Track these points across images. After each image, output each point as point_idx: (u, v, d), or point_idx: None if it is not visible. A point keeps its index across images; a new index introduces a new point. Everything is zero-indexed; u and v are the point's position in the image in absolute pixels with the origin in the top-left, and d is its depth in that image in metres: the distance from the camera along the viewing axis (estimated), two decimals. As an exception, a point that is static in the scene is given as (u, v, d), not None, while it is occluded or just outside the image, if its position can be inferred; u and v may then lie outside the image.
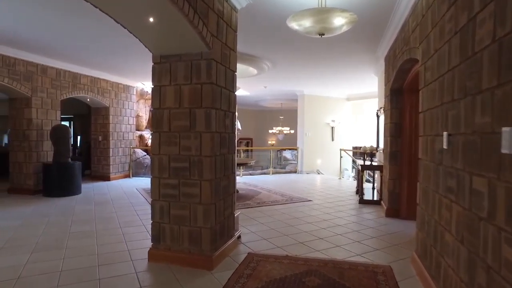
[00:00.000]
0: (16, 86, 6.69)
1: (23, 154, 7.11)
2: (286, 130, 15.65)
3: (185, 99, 3.27)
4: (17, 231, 4.50)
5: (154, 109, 3.39)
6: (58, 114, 7.62)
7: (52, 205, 6.07)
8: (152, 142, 3.39)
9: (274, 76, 8.96)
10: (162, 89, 3.36)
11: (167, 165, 3.33)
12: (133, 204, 6.28)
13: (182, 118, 3.28)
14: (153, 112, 3.39)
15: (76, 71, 8.02)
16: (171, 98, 3.32)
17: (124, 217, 5.28)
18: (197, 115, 3.23)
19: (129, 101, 10.03)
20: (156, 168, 3.37)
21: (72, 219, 5.11)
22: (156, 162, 3.37)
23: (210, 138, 3.20)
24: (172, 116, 3.31)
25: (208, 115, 3.19)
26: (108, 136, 9.25)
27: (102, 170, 9.33)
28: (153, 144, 3.39)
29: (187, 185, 3.28)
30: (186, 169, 3.27)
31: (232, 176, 3.84)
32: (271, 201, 6.74)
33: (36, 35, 5.78)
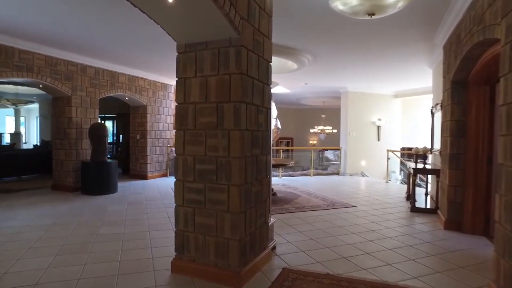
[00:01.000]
0: (57, 85, 6.77)
1: (63, 152, 7.21)
2: (328, 130, 14.91)
3: (212, 92, 2.88)
4: (49, 230, 4.42)
5: (178, 104, 3.04)
6: (96, 112, 7.65)
7: (87, 204, 6.02)
8: (176, 141, 3.05)
9: (316, 71, 8.38)
10: (186, 82, 3.00)
11: (192, 167, 2.97)
12: (165, 205, 6.06)
13: (208, 113, 2.89)
14: (177, 108, 3.05)
15: (114, 70, 8.03)
16: (197, 92, 2.95)
17: (154, 219, 5.05)
18: (225, 110, 2.83)
19: (166, 100, 9.96)
20: (180, 170, 3.02)
21: (103, 220, 4.97)
22: (180, 163, 3.02)
23: (239, 136, 2.78)
24: (198, 112, 2.94)
25: (237, 110, 2.78)
26: (145, 135, 9.22)
27: (140, 169, 9.33)
28: (177, 143, 3.04)
29: (213, 190, 2.89)
30: (212, 172, 2.88)
31: (265, 181, 3.40)
32: (311, 206, 6.20)
33: (76, 35, 5.82)
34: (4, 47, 5.88)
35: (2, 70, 5.87)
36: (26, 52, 6.21)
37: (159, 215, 5.32)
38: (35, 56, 6.36)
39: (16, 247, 3.77)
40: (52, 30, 5.58)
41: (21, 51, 6.13)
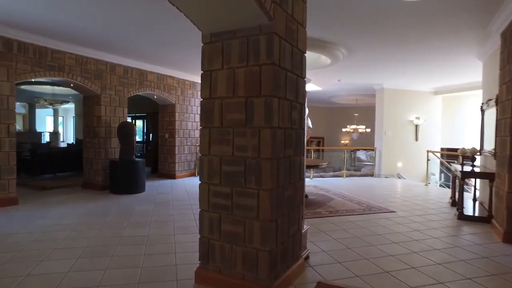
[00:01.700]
0: (87, 84, 6.79)
1: (93, 150, 7.23)
2: (361, 129, 14.27)
3: (240, 86, 2.59)
4: (74, 230, 4.33)
5: (203, 100, 2.78)
6: (125, 111, 7.63)
7: (114, 203, 5.95)
8: (201, 140, 2.79)
9: (350, 66, 7.91)
10: (212, 75, 2.73)
11: (218, 169, 2.69)
12: (192, 206, 5.87)
13: (236, 109, 2.61)
14: (202, 104, 2.79)
15: (143, 68, 7.98)
16: (223, 85, 2.67)
17: (181, 221, 4.85)
18: (255, 105, 2.53)
19: (195, 98, 9.84)
20: (205, 172, 2.76)
21: (128, 220, 4.84)
22: (205, 164, 2.76)
23: (271, 135, 2.48)
24: (225, 108, 2.66)
25: (268, 105, 2.47)
26: (174, 134, 9.14)
27: (168, 168, 9.27)
28: (202, 143, 2.78)
29: (242, 194, 2.60)
30: (240, 174, 2.60)
31: (299, 184, 3.07)
32: (346, 210, 5.78)
33: (106, 33, 5.81)
34: (38, 47, 5.93)
35: (36, 70, 5.93)
36: (58, 52, 6.25)
37: (186, 217, 5.12)
38: (66, 55, 6.39)
39: (42, 247, 3.68)
40: (82, 29, 5.60)
41: (53, 50, 6.18)
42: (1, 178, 5.51)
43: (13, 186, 5.68)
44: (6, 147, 5.57)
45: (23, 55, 5.75)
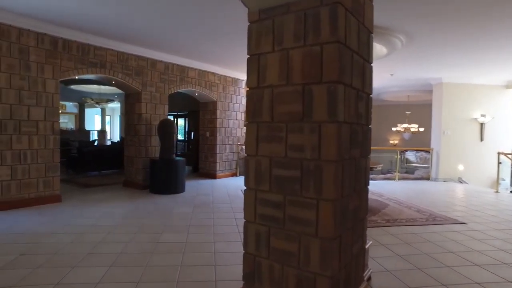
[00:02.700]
0: (128, 81, 6.67)
1: (133, 149, 7.12)
2: (414, 128, 13.15)
3: (296, 71, 2.10)
4: (110, 232, 4.10)
5: (250, 90, 2.32)
6: (165, 108, 7.44)
7: (153, 204, 5.73)
8: (247, 138, 2.33)
9: (405, 58, 7.11)
10: (261, 59, 2.27)
11: (267, 172, 2.22)
12: (234, 210, 5.48)
13: (291, 100, 2.12)
14: (249, 94, 2.33)
15: (184, 64, 7.76)
16: (275, 71, 2.19)
17: (221, 227, 4.47)
18: (315, 94, 2.02)
19: (237, 95, 9.50)
20: (252, 176, 2.30)
21: (166, 224, 4.54)
22: (251, 166, 2.30)
23: (335, 131, 1.96)
24: (276, 98, 2.18)
25: (332, 94, 1.96)
26: (215, 132, 8.86)
27: (209, 168, 9.01)
28: (249, 141, 2.32)
29: (296, 204, 2.12)
30: (295, 179, 2.11)
31: (364, 192, 2.52)
32: (405, 219, 5.08)
33: (147, 29, 5.67)
34: (81, 45, 5.87)
35: (79, 67, 5.87)
36: (100, 49, 6.16)
37: (227, 222, 4.74)
38: (108, 52, 6.29)
39: (76, 251, 3.46)
40: (124, 25, 5.49)
41: (96, 47, 6.09)
42: (46, 176, 5.49)
43: (57, 184, 5.65)
44: (51, 144, 5.54)
45: (67, 52, 5.70)
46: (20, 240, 3.79)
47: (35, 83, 5.32)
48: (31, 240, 3.77)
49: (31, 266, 3.07)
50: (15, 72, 5.13)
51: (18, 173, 5.18)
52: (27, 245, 3.61)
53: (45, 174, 5.46)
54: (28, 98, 5.26)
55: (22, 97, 5.20)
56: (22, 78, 5.20)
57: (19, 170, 5.19)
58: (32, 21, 5.19)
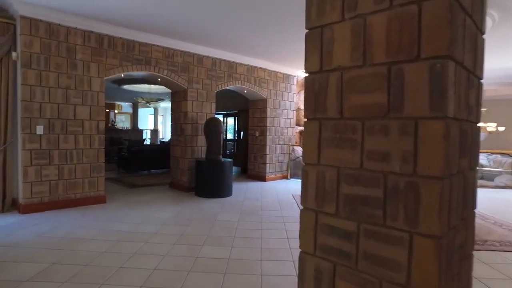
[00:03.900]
0: (174, 78, 6.39)
1: (179, 149, 6.85)
2: (491, 127, 11.48)
3: (378, 45, 1.44)
4: (148, 242, 3.74)
5: (309, 76, 1.70)
6: (213, 106, 7.07)
7: (197, 209, 5.34)
8: (305, 140, 1.72)
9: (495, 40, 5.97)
10: (325, 32, 1.64)
11: (333, 189, 1.59)
12: (285, 219, 4.89)
13: (369, 87, 1.47)
14: (308, 82, 1.71)
15: (232, 59, 7.34)
16: (345, 47, 1.55)
17: (270, 241, 3.90)
18: (408, 77, 1.35)
19: (288, 92, 8.90)
20: (311, 192, 1.68)
21: (208, 234, 4.10)
22: (311, 179, 1.68)
23: (441, 132, 1.28)
24: (348, 85, 1.54)
25: (438, 75, 1.28)
26: (265, 132, 8.34)
27: (258, 169, 8.52)
28: (307, 144, 1.70)
29: (377, 237, 1.46)
30: (376, 202, 1.46)
31: (471, 219, 1.78)
32: (498, 241, 4.10)
33: (193, 23, 5.40)
34: (126, 41, 5.69)
35: (124, 64, 5.70)
36: (145, 45, 5.94)
37: (277, 234, 4.17)
38: (153, 48, 6.05)
39: (108, 263, 3.13)
40: (170, 20, 5.26)
41: (141, 44, 5.89)
42: (91, 176, 5.37)
43: (101, 184, 5.51)
44: (96, 144, 5.41)
45: (112, 49, 5.54)
46: (57, 245, 3.58)
47: (81, 81, 5.21)
48: (67, 247, 3.54)
49: (59, 279, 2.77)
50: (63, 71, 5.05)
51: (64, 173, 5.10)
52: (62, 253, 3.37)
53: (90, 174, 5.34)
54: (74, 97, 5.16)
55: (69, 96, 5.11)
56: (69, 77, 5.11)
57: (65, 169, 5.11)
58: (79, 19, 5.09)
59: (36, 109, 4.83)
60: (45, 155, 4.92)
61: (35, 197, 4.87)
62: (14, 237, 3.86)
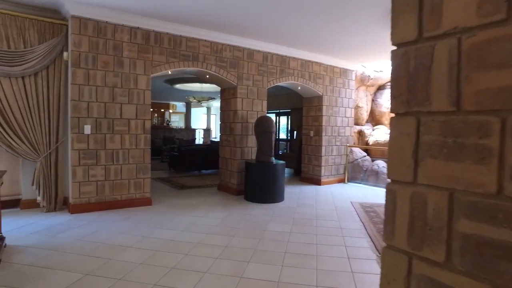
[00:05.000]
0: (222, 74, 6.02)
1: (228, 149, 6.47)
2: None
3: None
4: (188, 254, 3.35)
5: (397, 48, 1.09)
6: (264, 104, 6.59)
7: (245, 216, 4.89)
8: (392, 144, 1.10)
9: None
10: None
11: (442, 225, 0.98)
12: (344, 232, 4.24)
13: None
14: (395, 57, 1.10)
15: (284, 54, 6.79)
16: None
17: (327, 261, 3.29)
18: None
19: (346, 89, 8.12)
20: (402, 225, 1.08)
21: (256, 247, 3.60)
22: (402, 205, 1.08)
23: None
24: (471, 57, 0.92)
25: None
26: (320, 131, 7.67)
27: (312, 172, 7.87)
28: (394, 151, 1.10)
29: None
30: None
31: None
32: None
33: (242, 15, 5.00)
34: (172, 37, 5.44)
35: (171, 60, 5.45)
36: (192, 40, 5.64)
37: (335, 251, 3.54)
38: (201, 43, 5.73)
39: (142, 279, 2.79)
40: (218, 13, 4.91)
41: (188, 39, 5.59)
42: (137, 177, 5.20)
43: (147, 186, 5.32)
44: (142, 144, 5.23)
45: (159, 46, 5.31)
46: (95, 252, 3.36)
47: (127, 79, 5.05)
48: (104, 254, 3.29)
49: (87, 298, 2.46)
50: (110, 69, 4.92)
51: (111, 173, 4.97)
52: (98, 262, 3.12)
53: (136, 175, 5.16)
54: (120, 96, 5.01)
55: (115, 95, 4.97)
56: (116, 75, 4.97)
57: (112, 170, 4.98)
58: (126, 16, 4.93)
59: (84, 109, 4.75)
60: (92, 155, 4.82)
61: (83, 197, 4.79)
62: (58, 239, 3.74)
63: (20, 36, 4.62)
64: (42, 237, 3.79)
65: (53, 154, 4.89)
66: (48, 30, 4.79)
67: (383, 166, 7.81)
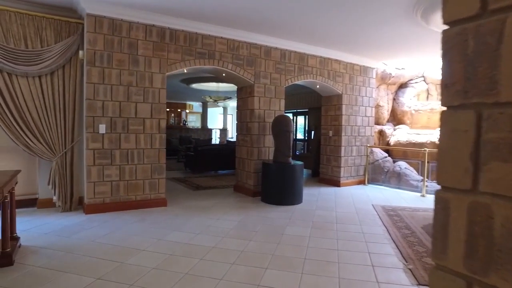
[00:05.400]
0: (239, 72, 5.86)
1: (245, 149, 6.31)
2: None
3: None
4: (202, 259, 3.20)
5: (450, 27, 0.89)
6: (281, 103, 6.40)
7: (262, 219, 4.71)
8: (443, 143, 0.90)
9: None
10: None
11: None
12: (366, 237, 4.00)
13: None
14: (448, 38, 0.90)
15: (302, 51, 6.58)
16: None
17: (350, 269, 3.07)
18: None
19: (366, 87, 7.83)
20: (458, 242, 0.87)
21: (274, 253, 3.42)
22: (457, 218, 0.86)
23: None
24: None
25: None
26: (339, 131, 7.41)
27: (331, 173, 7.61)
28: (447, 151, 0.90)
29: None
30: None
31: None
32: None
33: (260, 11, 4.86)
34: (188, 34, 5.32)
35: (187, 58, 5.34)
36: (208, 37, 5.51)
37: (357, 259, 3.32)
38: (217, 40, 5.59)
39: (154, 285, 2.65)
40: (236, 10, 4.78)
41: (204, 36, 5.47)
42: (152, 177, 5.10)
43: (162, 186, 5.22)
44: (157, 143, 5.13)
45: (174, 43, 5.20)
46: (108, 254, 3.26)
47: (142, 78, 4.97)
48: (117, 258, 3.18)
49: (96, 304, 2.35)
50: (125, 67, 4.85)
51: (125, 173, 4.90)
52: (110, 265, 3.01)
53: (150, 175, 5.07)
54: (135, 95, 4.93)
55: (130, 94, 4.90)
56: (131, 74, 4.90)
57: (126, 170, 4.91)
58: (141, 13, 4.85)
59: (99, 108, 4.69)
60: (107, 155, 4.76)
61: (97, 198, 4.73)
62: (72, 240, 3.67)
63: (37, 36, 4.60)
64: (56, 237, 3.73)
65: (69, 154, 4.85)
66: (64, 29, 4.75)
67: (406, 168, 7.48)
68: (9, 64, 4.35)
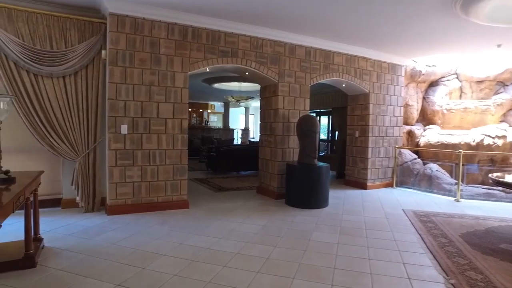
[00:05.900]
0: (263, 70, 5.69)
1: (269, 150, 6.12)
2: None
3: None
4: (225, 267, 3.03)
5: None
6: (306, 103, 6.17)
7: (287, 223, 4.49)
8: None
9: None
10: None
11: None
12: (399, 245, 3.72)
13: None
14: None
15: (328, 48, 6.31)
16: None
17: (385, 281, 2.82)
18: None
19: (395, 85, 7.46)
20: None
21: (300, 261, 3.21)
22: None
23: None
24: None
25: None
26: (366, 131, 7.10)
27: (357, 175, 7.31)
28: None
29: None
30: None
31: None
32: None
33: (285, 7, 4.67)
34: (211, 32, 5.19)
35: (209, 57, 5.21)
36: (231, 35, 5.36)
37: (392, 270, 3.06)
38: (240, 38, 5.44)
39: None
40: (258, 5, 4.61)
41: (227, 34, 5.33)
42: (173, 178, 5.01)
43: (184, 188, 5.11)
44: (179, 144, 5.03)
45: (196, 42, 5.09)
46: (128, 259, 3.16)
47: (164, 77, 4.88)
48: (137, 263, 3.07)
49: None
50: (146, 67, 4.78)
51: (147, 174, 4.82)
52: (130, 270, 2.91)
53: (172, 176, 4.98)
54: (157, 94, 4.85)
55: (152, 93, 4.82)
56: (153, 73, 4.82)
57: (148, 171, 4.83)
58: (163, 11, 4.76)
59: (121, 108, 4.63)
60: (129, 156, 4.70)
61: (119, 199, 4.68)
62: (93, 242, 3.61)
63: (62, 36, 4.60)
64: (78, 239, 3.68)
65: (91, 154, 4.82)
66: (87, 29, 4.73)
67: (437, 170, 7.08)
68: (35, 65, 4.36)
